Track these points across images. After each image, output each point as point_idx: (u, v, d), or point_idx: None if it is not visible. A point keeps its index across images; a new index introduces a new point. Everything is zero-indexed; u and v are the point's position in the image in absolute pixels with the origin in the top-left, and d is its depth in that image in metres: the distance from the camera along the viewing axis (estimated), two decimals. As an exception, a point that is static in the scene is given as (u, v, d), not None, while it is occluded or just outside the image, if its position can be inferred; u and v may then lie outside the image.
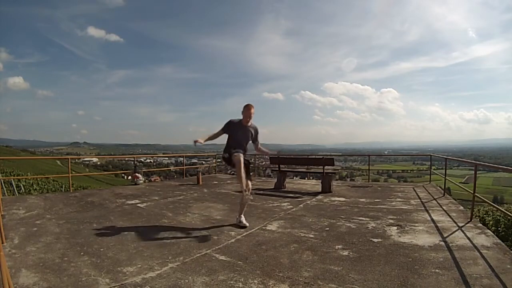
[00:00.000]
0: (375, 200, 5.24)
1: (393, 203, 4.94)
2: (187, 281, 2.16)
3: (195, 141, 3.57)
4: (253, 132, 3.82)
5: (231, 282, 2.16)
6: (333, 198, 5.56)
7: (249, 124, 3.76)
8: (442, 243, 2.89)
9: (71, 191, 6.90)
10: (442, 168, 6.57)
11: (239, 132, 3.70)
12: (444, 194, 5.52)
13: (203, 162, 23.42)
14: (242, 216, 3.69)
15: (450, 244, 2.83)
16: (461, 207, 4.43)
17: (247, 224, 3.60)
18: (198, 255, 2.68)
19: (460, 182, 15.33)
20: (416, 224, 3.58)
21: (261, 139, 3.97)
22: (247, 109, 3.69)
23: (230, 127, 3.73)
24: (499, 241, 2.92)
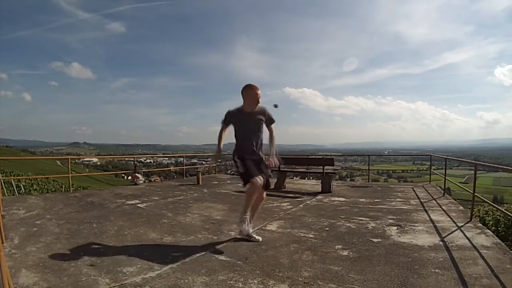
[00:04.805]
0: (375, 200, 5.24)
1: (393, 203, 4.94)
2: (187, 281, 2.17)
3: (217, 157, 3.11)
4: (263, 117, 2.96)
5: (231, 282, 2.16)
6: (333, 198, 5.55)
7: (256, 109, 2.94)
8: (442, 243, 2.89)
9: (71, 191, 6.90)
10: (442, 168, 6.58)
11: (243, 124, 2.93)
12: (444, 194, 5.52)
13: (203, 162, 23.42)
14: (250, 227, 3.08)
15: (450, 244, 2.84)
16: (461, 207, 4.43)
17: (260, 239, 3.05)
18: (198, 255, 2.68)
19: (460, 182, 15.34)
20: (416, 224, 3.58)
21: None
22: (250, 90, 2.86)
23: (231, 118, 2.98)
24: (499, 241, 2.92)
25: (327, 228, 3.53)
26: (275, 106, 3.01)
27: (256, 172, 2.84)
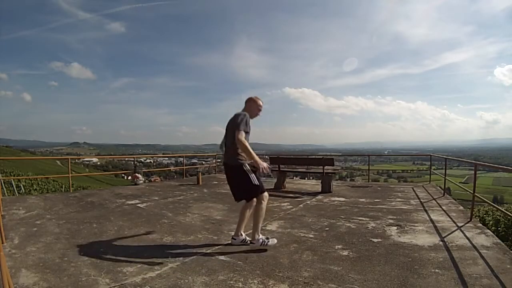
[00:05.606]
0: (375, 200, 5.24)
1: (393, 203, 4.94)
2: (187, 281, 2.17)
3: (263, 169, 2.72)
4: None
5: (231, 282, 2.16)
6: (333, 198, 5.56)
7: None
8: (442, 243, 2.89)
9: (71, 191, 6.91)
10: (442, 168, 6.57)
11: (249, 132, 2.89)
12: (444, 194, 5.52)
13: (203, 162, 23.42)
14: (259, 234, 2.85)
15: (450, 244, 2.84)
16: (461, 207, 4.43)
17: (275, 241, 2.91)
18: (198, 255, 2.68)
19: (460, 182, 15.34)
20: (416, 224, 3.58)
21: (262, 139, 3.39)
22: (259, 102, 2.96)
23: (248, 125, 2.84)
24: (498, 241, 2.92)
25: (327, 228, 3.53)
26: None
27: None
